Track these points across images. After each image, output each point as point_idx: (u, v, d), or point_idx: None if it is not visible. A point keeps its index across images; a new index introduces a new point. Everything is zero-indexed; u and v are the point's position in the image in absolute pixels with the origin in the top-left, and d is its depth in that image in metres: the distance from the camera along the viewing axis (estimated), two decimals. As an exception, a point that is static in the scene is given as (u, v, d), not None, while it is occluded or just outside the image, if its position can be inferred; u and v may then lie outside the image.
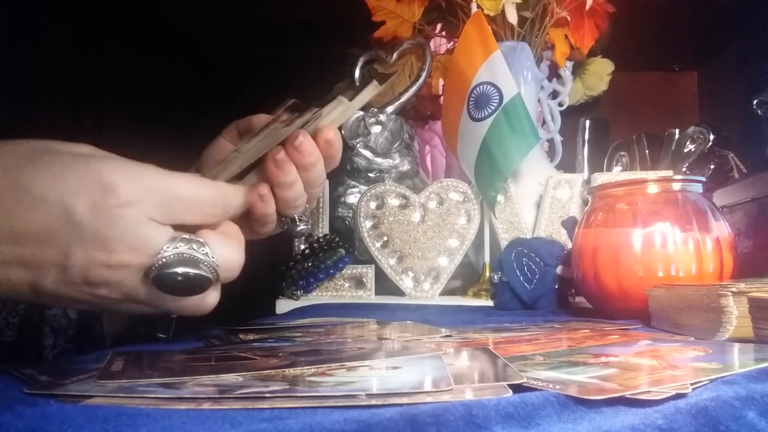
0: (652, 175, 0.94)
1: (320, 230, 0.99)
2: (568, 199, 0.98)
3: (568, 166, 1.21)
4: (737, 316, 0.48)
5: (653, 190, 0.71)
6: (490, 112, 0.92)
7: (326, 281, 0.96)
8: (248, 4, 1.65)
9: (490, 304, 0.91)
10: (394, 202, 0.98)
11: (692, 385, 0.33)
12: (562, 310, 0.84)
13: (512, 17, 1.02)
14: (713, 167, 1.06)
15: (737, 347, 0.45)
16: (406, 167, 1.06)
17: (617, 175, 1.11)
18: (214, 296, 0.42)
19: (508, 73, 0.93)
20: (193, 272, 0.38)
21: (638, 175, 1.01)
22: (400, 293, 0.96)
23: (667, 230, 0.68)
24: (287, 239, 0.99)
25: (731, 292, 0.49)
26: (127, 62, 1.51)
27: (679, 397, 0.31)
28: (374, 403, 0.30)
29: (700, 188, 0.72)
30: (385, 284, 0.97)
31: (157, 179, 0.38)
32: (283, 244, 0.97)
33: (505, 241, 0.96)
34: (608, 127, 1.30)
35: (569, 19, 1.08)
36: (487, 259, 0.98)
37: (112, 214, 0.36)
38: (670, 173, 0.99)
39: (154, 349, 0.50)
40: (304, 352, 0.47)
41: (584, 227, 0.75)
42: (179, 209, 0.39)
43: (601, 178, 0.96)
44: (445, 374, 0.35)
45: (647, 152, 1.16)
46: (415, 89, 1.09)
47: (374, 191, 0.98)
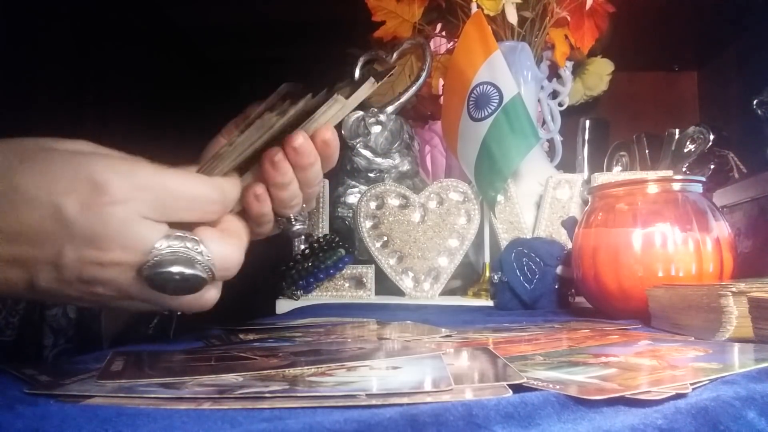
0: (652, 175, 0.94)
1: (320, 230, 0.99)
2: (568, 199, 0.98)
3: (568, 166, 1.21)
4: (737, 316, 0.48)
5: (653, 190, 0.71)
6: (490, 112, 0.92)
7: (326, 281, 0.95)
8: (248, 4, 1.65)
9: (490, 304, 0.91)
10: (394, 202, 0.98)
11: (692, 385, 0.33)
12: (562, 310, 0.84)
13: (512, 17, 1.02)
14: (713, 167, 1.06)
15: (737, 347, 0.45)
16: (406, 167, 1.06)
17: (617, 175, 1.11)
18: (213, 293, 0.42)
19: (508, 73, 0.92)
20: (186, 271, 0.38)
21: (638, 175, 1.01)
22: (400, 293, 0.96)
23: (667, 230, 0.68)
24: (287, 239, 0.99)
25: (731, 292, 0.49)
26: (127, 62, 1.51)
27: (679, 397, 0.31)
28: (374, 403, 0.30)
29: (700, 188, 0.72)
30: (385, 284, 0.97)
31: (150, 177, 0.38)
32: (283, 244, 0.97)
33: (505, 241, 0.96)
34: (608, 127, 1.30)
35: (569, 19, 1.08)
36: (487, 259, 0.98)
37: (103, 212, 0.36)
38: (670, 173, 0.99)
39: (154, 349, 0.50)
40: (304, 352, 0.47)
41: (584, 227, 0.75)
42: (174, 207, 0.39)
43: (601, 178, 0.96)
44: (445, 374, 0.35)
45: (647, 152, 1.16)
46: (415, 89, 1.09)
47: (374, 191, 0.98)
